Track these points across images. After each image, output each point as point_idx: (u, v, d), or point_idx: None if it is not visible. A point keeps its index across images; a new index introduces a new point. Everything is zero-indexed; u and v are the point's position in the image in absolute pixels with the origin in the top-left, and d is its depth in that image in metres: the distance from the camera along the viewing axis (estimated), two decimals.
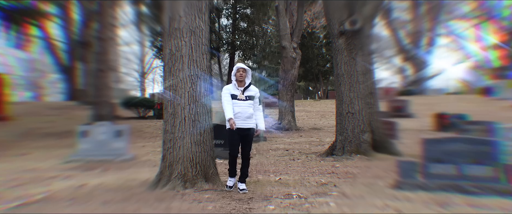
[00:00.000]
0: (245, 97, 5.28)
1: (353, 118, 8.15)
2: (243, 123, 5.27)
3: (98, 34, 15.68)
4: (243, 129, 5.25)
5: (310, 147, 10.24)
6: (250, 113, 5.26)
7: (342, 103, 8.33)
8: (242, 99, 5.27)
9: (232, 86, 5.41)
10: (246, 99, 5.28)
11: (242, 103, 5.25)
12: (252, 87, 5.40)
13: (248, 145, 5.31)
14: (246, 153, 5.30)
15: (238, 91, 5.31)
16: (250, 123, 5.29)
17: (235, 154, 5.35)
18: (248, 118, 5.26)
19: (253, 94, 5.34)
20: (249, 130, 5.27)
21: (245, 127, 5.26)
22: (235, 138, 5.30)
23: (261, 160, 8.29)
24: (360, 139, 8.04)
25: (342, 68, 8.40)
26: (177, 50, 5.42)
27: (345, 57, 8.37)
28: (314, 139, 12.08)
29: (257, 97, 5.42)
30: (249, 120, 5.28)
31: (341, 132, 8.27)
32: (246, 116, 5.25)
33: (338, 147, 8.25)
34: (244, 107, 5.24)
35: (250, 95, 5.31)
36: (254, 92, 5.37)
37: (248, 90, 5.34)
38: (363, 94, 8.25)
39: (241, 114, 5.24)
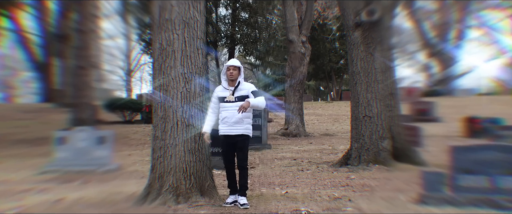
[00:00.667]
0: (235, 98, 5.29)
1: (371, 122, 8.15)
2: (229, 129, 5.28)
3: (77, 26, 15.75)
4: (230, 137, 5.27)
5: (321, 155, 10.23)
6: (239, 117, 5.23)
7: (358, 106, 8.32)
8: (231, 101, 5.28)
9: (220, 88, 5.44)
10: (236, 100, 5.28)
11: (231, 105, 5.27)
12: (243, 85, 5.39)
13: (241, 153, 5.31)
14: (240, 162, 5.29)
15: (228, 92, 5.34)
16: (239, 129, 5.27)
17: (228, 164, 5.37)
18: (237, 123, 5.25)
19: (245, 94, 5.32)
20: (237, 137, 5.26)
21: (232, 133, 5.27)
22: (225, 147, 5.35)
23: (265, 170, 8.28)
24: (379, 147, 8.03)
25: (358, 65, 8.40)
26: (168, 45, 5.44)
27: (362, 52, 8.37)
28: (325, 146, 12.07)
29: (250, 92, 5.33)
30: (238, 126, 5.26)
31: (357, 139, 8.27)
32: (234, 121, 5.24)
33: (353, 156, 8.24)
34: (232, 111, 5.25)
35: (242, 96, 5.30)
36: (246, 91, 5.34)
37: (239, 89, 5.34)
38: (382, 95, 8.24)
39: (228, 119, 5.27)
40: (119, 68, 46.30)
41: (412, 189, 5.90)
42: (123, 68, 46.58)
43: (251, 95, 5.31)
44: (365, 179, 6.97)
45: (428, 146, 10.49)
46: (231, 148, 5.34)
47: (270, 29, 34.80)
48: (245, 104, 5.14)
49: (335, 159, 9.23)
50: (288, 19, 15.49)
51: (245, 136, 5.30)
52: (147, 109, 20.07)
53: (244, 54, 34.47)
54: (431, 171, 5.36)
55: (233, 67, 5.33)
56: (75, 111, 15.22)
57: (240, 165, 5.29)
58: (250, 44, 31.51)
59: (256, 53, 35.88)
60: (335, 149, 11.32)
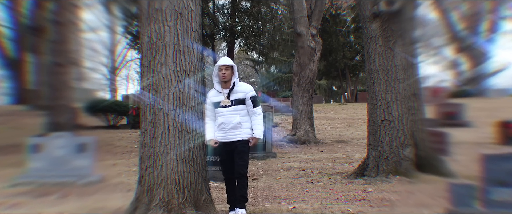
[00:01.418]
0: (231, 102, 5.38)
1: (391, 127, 8.15)
2: (226, 136, 5.39)
3: (54, 16, 15.79)
4: (228, 144, 5.37)
5: (334, 165, 10.23)
6: (236, 122, 5.35)
7: (376, 108, 8.32)
8: (227, 105, 5.37)
9: (213, 92, 5.53)
10: (232, 104, 5.37)
11: (227, 110, 5.38)
12: (239, 87, 5.49)
13: (240, 159, 5.37)
14: (239, 168, 5.35)
15: (222, 95, 5.41)
16: (237, 135, 5.38)
17: (227, 176, 5.40)
18: (234, 129, 5.37)
19: (242, 96, 5.42)
20: (236, 143, 5.36)
21: (229, 140, 5.37)
22: (224, 155, 5.43)
23: (269, 182, 8.29)
24: (400, 156, 8.02)
25: (376, 62, 8.40)
26: (158, 38, 5.45)
27: (380, 47, 8.37)
28: (339, 155, 12.07)
29: (249, 97, 5.47)
30: (235, 131, 5.38)
31: (374, 146, 8.26)
32: (231, 127, 5.36)
33: (370, 166, 8.23)
34: (228, 116, 5.35)
35: (239, 99, 5.40)
36: (243, 93, 5.44)
37: (235, 91, 5.43)
38: (403, 95, 8.24)
39: (224, 125, 5.38)
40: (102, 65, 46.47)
41: (438, 204, 5.89)
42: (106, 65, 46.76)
43: (249, 102, 5.44)
44: (384, 193, 6.97)
45: (457, 154, 10.47)
46: (230, 156, 5.39)
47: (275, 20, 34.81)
48: (255, 141, 5.40)
49: (349, 170, 9.22)
50: (296, 9, 15.51)
51: (245, 140, 5.39)
52: (134, 112, 20.10)
53: (246, 49, 34.52)
54: (460, 184, 5.35)
55: (225, 66, 5.40)
56: (52, 114, 15.25)
57: (238, 173, 5.35)
58: (252, 37, 31.49)
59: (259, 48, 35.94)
60: (349, 158, 11.32)
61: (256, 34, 31.80)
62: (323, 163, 10.57)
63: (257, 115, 5.48)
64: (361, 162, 8.73)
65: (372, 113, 8.44)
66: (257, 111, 5.49)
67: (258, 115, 5.48)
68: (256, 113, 5.48)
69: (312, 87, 15.82)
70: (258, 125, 5.44)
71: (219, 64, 5.41)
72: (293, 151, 13.16)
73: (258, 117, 5.47)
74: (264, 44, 35.44)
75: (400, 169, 7.96)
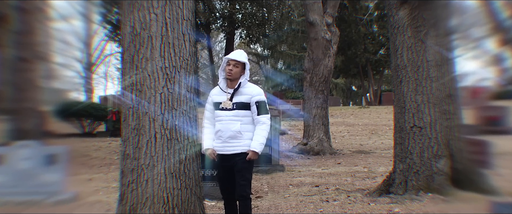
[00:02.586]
0: (232, 105, 5.32)
1: (422, 135, 8.13)
2: (222, 146, 5.34)
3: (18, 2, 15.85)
4: (226, 157, 5.33)
5: (353, 181, 10.23)
6: (235, 130, 5.28)
7: (405, 112, 8.31)
8: (227, 108, 5.31)
9: (217, 89, 5.48)
10: (233, 108, 5.32)
11: (226, 115, 5.31)
12: (246, 89, 5.41)
13: (241, 177, 5.31)
14: (240, 189, 5.29)
15: (225, 95, 5.37)
16: (235, 147, 5.31)
17: (226, 196, 5.38)
18: (232, 139, 5.30)
19: (246, 100, 5.35)
20: (235, 156, 5.29)
21: (227, 152, 5.32)
22: (220, 171, 5.40)
23: (276, 201, 8.29)
24: (433, 169, 8.01)
25: (404, 57, 8.40)
26: (143, 28, 5.47)
27: (409, 38, 8.37)
28: (359, 168, 12.06)
29: (254, 102, 5.38)
30: (233, 142, 5.30)
31: (402, 158, 8.25)
32: (228, 135, 5.28)
33: (397, 181, 8.22)
34: (226, 122, 5.29)
35: (242, 103, 5.33)
36: (248, 96, 5.37)
37: (239, 93, 5.36)
38: (437, 97, 8.23)
39: (221, 133, 5.32)
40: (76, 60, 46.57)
41: None
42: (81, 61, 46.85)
43: (254, 108, 5.36)
44: (414, 213, 6.96)
45: (500, 167, 10.45)
46: (228, 173, 5.35)
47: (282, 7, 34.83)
48: (252, 155, 5.26)
49: (372, 186, 9.21)
50: None
51: (243, 155, 5.30)
52: (114, 117, 20.12)
53: (248, 42, 34.52)
54: (504, 202, 5.35)
55: (235, 62, 5.33)
56: (15, 119, 15.27)
57: (240, 195, 5.29)
58: (255, 27, 31.47)
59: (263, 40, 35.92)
60: (372, 172, 11.31)
61: (260, 23, 31.80)
62: (341, 178, 10.57)
63: (261, 124, 5.34)
64: (386, 177, 8.72)
65: (399, 118, 8.43)
66: (261, 120, 5.35)
67: (262, 124, 5.34)
68: (260, 122, 5.35)
69: (328, 87, 15.83)
70: (258, 136, 5.30)
71: (228, 57, 5.38)
72: (304, 163, 13.16)
73: (261, 127, 5.34)
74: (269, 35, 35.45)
75: (433, 185, 7.94)
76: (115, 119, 19.98)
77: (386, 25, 9.17)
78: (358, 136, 19.92)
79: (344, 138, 19.19)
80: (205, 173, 8.18)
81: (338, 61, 38.13)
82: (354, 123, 24.11)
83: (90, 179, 11.12)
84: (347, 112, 30.61)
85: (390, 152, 13.94)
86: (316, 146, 14.98)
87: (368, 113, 29.13)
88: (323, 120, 15.42)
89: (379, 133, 20.53)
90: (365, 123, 24.26)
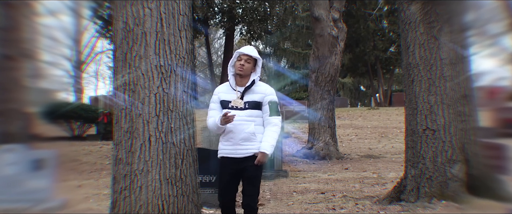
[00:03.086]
0: (244, 104, 5.28)
1: (435, 138, 8.12)
2: (234, 149, 5.26)
3: None
4: (236, 160, 5.25)
5: (361, 187, 10.22)
6: (249, 131, 5.24)
7: (417, 114, 8.31)
8: (239, 108, 5.25)
9: (225, 87, 5.41)
10: (246, 107, 5.27)
11: (238, 114, 5.21)
12: (259, 87, 5.38)
13: (252, 186, 5.29)
14: (249, 200, 5.27)
15: (234, 94, 5.31)
16: (248, 149, 5.26)
17: (225, 201, 5.34)
18: (245, 141, 5.24)
19: (259, 99, 5.32)
20: (247, 161, 5.24)
21: (239, 156, 5.26)
22: (226, 175, 5.30)
23: (279, 209, 8.29)
24: (447, 174, 8.00)
25: (416, 54, 8.39)
26: (136, 24, 5.46)
27: (422, 35, 8.36)
28: (368, 174, 12.07)
29: (267, 101, 5.35)
30: (247, 144, 5.25)
31: (414, 163, 8.24)
32: (242, 137, 5.23)
33: (409, 188, 8.21)
34: (239, 123, 5.21)
35: (254, 102, 5.30)
36: (261, 95, 5.34)
37: (251, 91, 5.32)
38: (451, 98, 8.23)
39: (233, 134, 5.25)
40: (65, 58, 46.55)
41: None
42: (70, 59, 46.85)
43: (266, 108, 5.31)
44: None
45: None
46: (234, 178, 5.31)
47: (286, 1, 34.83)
48: (261, 157, 5.19)
49: (382, 193, 9.21)
50: None
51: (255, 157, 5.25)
52: (105, 119, 20.14)
53: (249, 38, 34.51)
54: None
55: (247, 57, 5.29)
56: (0, 121, 15.30)
57: (248, 205, 5.25)
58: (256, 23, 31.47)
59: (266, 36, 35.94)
60: (382, 178, 11.31)
61: (262, 19, 31.80)
62: (348, 185, 10.57)
63: (272, 125, 5.30)
64: (397, 183, 8.72)
65: (411, 120, 8.43)
66: (273, 121, 5.31)
67: (274, 126, 5.30)
68: (272, 123, 5.30)
69: (334, 87, 15.84)
70: (269, 137, 5.24)
71: (240, 51, 5.31)
72: (309, 168, 13.16)
73: (272, 129, 5.28)
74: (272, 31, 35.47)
75: (447, 191, 7.93)
76: (106, 122, 20.00)
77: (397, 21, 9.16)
78: (367, 139, 19.92)
79: (351, 142, 19.19)
80: (202, 179, 8.18)
81: (346, 59, 38.08)
82: (362, 126, 24.10)
83: (80, 186, 11.13)
84: (355, 113, 30.60)
85: (401, 157, 13.93)
86: (322, 150, 14.98)
87: (377, 115, 29.12)
88: (329, 122, 15.41)
89: (389, 136, 20.52)
90: (375, 125, 24.26)
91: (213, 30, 45.15)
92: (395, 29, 35.87)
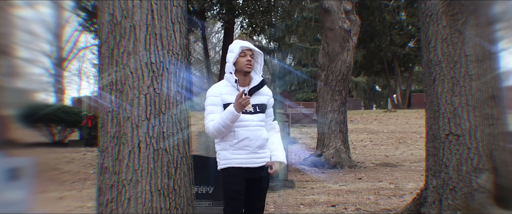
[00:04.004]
0: (255, 107, 5.25)
1: (459, 144, 8.12)
2: (251, 158, 5.22)
3: None
4: (250, 171, 5.23)
5: (377, 199, 10.24)
6: (264, 138, 5.28)
7: (439, 117, 8.31)
8: (249, 112, 5.22)
9: (227, 87, 5.31)
10: (255, 111, 5.26)
11: (252, 119, 5.21)
12: (265, 88, 5.41)
13: (261, 199, 5.35)
14: (257, 212, 5.34)
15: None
16: (264, 157, 5.29)
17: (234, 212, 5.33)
18: (260, 148, 5.27)
19: (266, 101, 5.37)
20: (261, 171, 5.26)
21: (256, 165, 5.25)
22: (240, 187, 5.23)
23: None
24: (472, 185, 8.00)
25: (437, 50, 8.40)
26: (124, 16, 5.46)
27: (444, 29, 8.37)
28: (384, 184, 12.08)
29: (271, 104, 5.46)
30: (262, 152, 5.28)
31: (436, 172, 8.25)
32: (258, 144, 5.23)
33: (430, 200, 8.22)
34: (255, 128, 5.21)
35: (263, 104, 5.32)
36: (267, 97, 5.39)
37: (258, 93, 5.33)
38: (477, 99, 8.22)
39: (250, 142, 5.20)
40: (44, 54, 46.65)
41: None
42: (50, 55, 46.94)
43: (270, 111, 5.41)
44: None
45: None
46: (248, 190, 5.28)
47: None
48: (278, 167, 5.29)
49: (400, 206, 9.23)
50: None
51: (267, 168, 5.31)
52: (89, 123, 20.17)
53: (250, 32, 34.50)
54: None
55: (251, 52, 5.26)
56: None
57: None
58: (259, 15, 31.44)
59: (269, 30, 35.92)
60: (399, 189, 11.32)
61: (265, 10, 31.76)
62: (362, 196, 10.58)
63: (277, 131, 5.48)
64: (417, 195, 8.73)
65: (432, 124, 8.43)
66: (276, 126, 5.50)
67: (278, 131, 5.49)
68: (276, 129, 5.48)
69: (346, 87, 15.84)
70: (280, 145, 5.38)
71: (243, 46, 5.21)
72: (318, 178, 13.17)
73: (278, 135, 5.47)
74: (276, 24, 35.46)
75: (473, 204, 7.94)
76: (90, 126, 20.04)
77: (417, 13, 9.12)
78: (383, 145, 19.93)
79: (366, 148, 19.20)
80: (199, 190, 8.20)
81: (359, 55, 38.18)
82: (378, 130, 24.12)
83: (61, 198, 11.14)
84: (369, 116, 30.63)
85: (421, 165, 13.94)
86: (333, 158, 14.98)
87: (394, 118, 29.14)
88: (340, 126, 15.42)
89: (408, 142, 20.53)
90: (391, 130, 24.28)
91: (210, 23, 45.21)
92: (415, 22, 35.89)
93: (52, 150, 18.82)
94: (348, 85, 16.16)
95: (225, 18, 32.00)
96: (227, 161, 5.25)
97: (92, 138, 19.49)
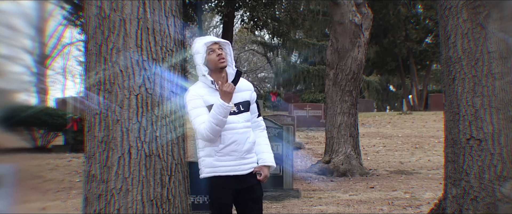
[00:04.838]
0: (237, 106, 5.25)
1: (481, 150, 8.12)
2: (238, 164, 5.22)
3: None
4: (239, 178, 5.23)
5: (391, 210, 10.25)
6: (252, 141, 5.28)
7: (459, 120, 8.31)
8: (233, 112, 5.20)
9: (205, 89, 5.27)
10: (239, 110, 5.26)
11: (237, 120, 5.21)
12: (243, 82, 5.38)
13: (258, 209, 5.36)
14: None
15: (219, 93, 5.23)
16: (251, 162, 5.30)
17: None
18: (248, 153, 5.27)
19: (248, 97, 5.37)
20: (250, 177, 5.27)
21: (244, 172, 5.24)
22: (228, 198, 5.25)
23: None
24: (496, 194, 8.01)
25: (458, 47, 8.40)
26: (113, 9, 5.46)
27: (465, 23, 8.38)
28: (399, 193, 12.10)
29: (254, 99, 5.44)
30: (249, 157, 5.29)
31: (456, 180, 8.26)
32: (246, 148, 5.23)
33: (450, 211, 8.23)
34: (242, 131, 5.21)
35: (246, 101, 5.32)
36: (248, 92, 5.39)
37: (239, 89, 5.27)
38: (501, 100, 8.23)
39: (237, 146, 5.20)
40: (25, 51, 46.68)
41: None
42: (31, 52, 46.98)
43: (254, 106, 5.41)
44: None
45: None
46: (241, 200, 5.31)
47: None
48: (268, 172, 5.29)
49: None
50: None
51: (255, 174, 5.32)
52: (75, 127, 20.18)
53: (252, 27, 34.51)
54: None
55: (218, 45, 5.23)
56: None
57: None
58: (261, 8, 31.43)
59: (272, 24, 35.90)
60: (416, 199, 11.33)
61: (268, 3, 31.75)
62: (374, 207, 10.60)
63: (263, 129, 5.47)
64: (435, 205, 8.74)
65: (452, 127, 8.44)
66: (262, 124, 5.49)
67: (264, 130, 5.48)
68: (262, 127, 5.47)
69: (357, 87, 15.85)
70: (268, 146, 5.36)
71: (206, 43, 5.19)
72: (326, 187, 13.19)
73: (264, 134, 5.46)
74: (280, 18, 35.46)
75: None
76: (76, 129, 20.05)
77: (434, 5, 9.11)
78: (397, 151, 19.94)
79: (378, 154, 19.22)
80: (195, 201, 8.21)
81: (371, 52, 38.18)
82: (392, 134, 24.14)
83: (44, 208, 11.16)
84: (382, 119, 30.66)
85: (439, 173, 13.96)
86: (342, 165, 14.99)
87: (410, 121, 29.16)
88: (351, 130, 15.42)
89: (424, 147, 20.55)
90: (407, 134, 24.29)
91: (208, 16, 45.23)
92: (432, 16, 35.89)
93: (34, 156, 18.84)
94: (359, 84, 16.14)
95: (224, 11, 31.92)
96: (213, 169, 5.22)
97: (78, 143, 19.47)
